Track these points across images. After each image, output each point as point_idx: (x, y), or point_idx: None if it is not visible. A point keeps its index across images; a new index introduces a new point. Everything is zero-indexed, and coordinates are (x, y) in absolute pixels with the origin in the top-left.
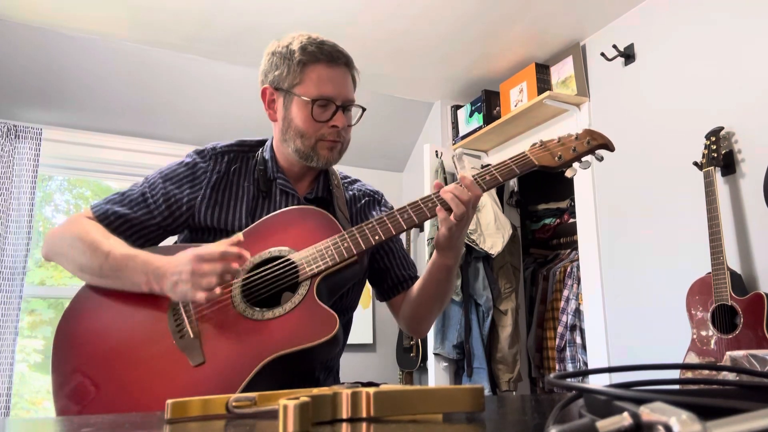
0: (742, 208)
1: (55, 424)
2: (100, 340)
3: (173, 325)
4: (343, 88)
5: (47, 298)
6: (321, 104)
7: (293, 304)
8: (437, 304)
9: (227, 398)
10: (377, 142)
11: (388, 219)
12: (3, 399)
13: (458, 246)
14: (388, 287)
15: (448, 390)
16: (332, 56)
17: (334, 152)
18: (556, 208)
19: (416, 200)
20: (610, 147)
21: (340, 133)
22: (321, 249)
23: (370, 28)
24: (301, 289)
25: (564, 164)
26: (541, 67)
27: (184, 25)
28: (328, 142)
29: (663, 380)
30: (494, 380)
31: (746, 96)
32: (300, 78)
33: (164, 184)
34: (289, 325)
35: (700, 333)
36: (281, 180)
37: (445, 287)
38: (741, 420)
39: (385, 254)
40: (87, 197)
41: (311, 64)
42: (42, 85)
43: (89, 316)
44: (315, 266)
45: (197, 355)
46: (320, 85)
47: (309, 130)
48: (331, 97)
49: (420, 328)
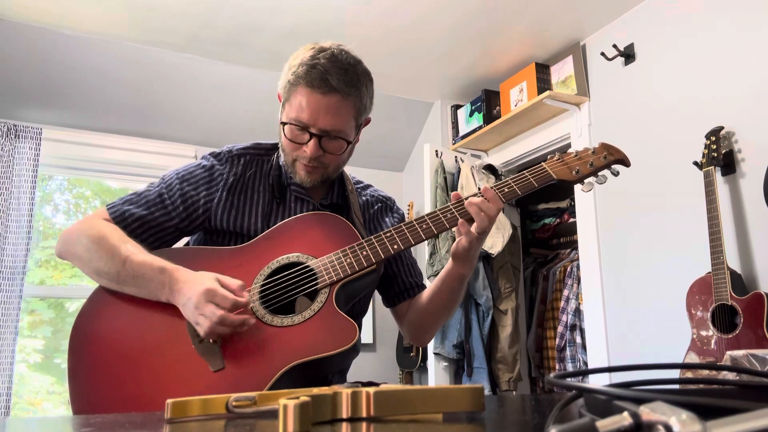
0: (742, 208)
1: (56, 423)
2: (118, 342)
3: (192, 330)
4: (322, 116)
5: (47, 298)
6: (295, 128)
7: (313, 312)
8: (445, 312)
9: (227, 398)
10: (377, 142)
11: (407, 229)
12: (3, 399)
13: (475, 257)
14: (395, 293)
15: (448, 390)
16: (318, 83)
17: (314, 175)
18: (556, 208)
19: (435, 211)
20: (626, 162)
21: (319, 159)
22: (340, 257)
23: (370, 28)
24: (320, 296)
25: (581, 179)
26: (541, 67)
27: (184, 25)
28: (304, 165)
29: (663, 380)
30: (494, 380)
31: (746, 96)
32: (288, 95)
33: (181, 185)
34: (309, 333)
35: (700, 333)
36: (295, 186)
37: (456, 297)
38: (741, 420)
39: (393, 261)
40: (87, 197)
41: (297, 86)
42: (42, 85)
43: (106, 319)
44: (334, 274)
45: (217, 360)
46: (299, 109)
47: (286, 147)
48: (305, 124)
49: (424, 337)
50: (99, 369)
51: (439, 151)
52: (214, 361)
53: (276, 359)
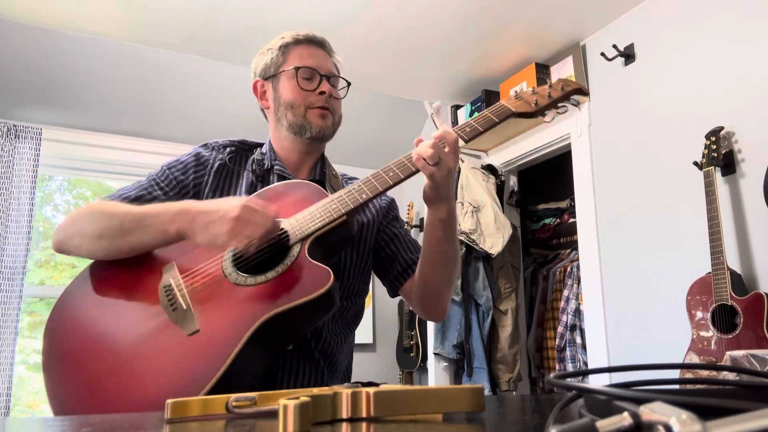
0: (742, 208)
1: (56, 423)
2: (92, 327)
3: (165, 300)
4: (325, 61)
5: (47, 298)
6: (305, 75)
7: (285, 266)
8: (443, 271)
9: (227, 398)
10: (377, 142)
11: (373, 178)
12: (3, 399)
13: (447, 197)
14: (397, 273)
15: (448, 390)
16: (309, 39)
17: (327, 121)
18: (556, 208)
19: (400, 158)
20: (584, 91)
21: (329, 101)
22: (309, 212)
23: (370, 29)
24: (292, 251)
25: (541, 110)
26: (541, 67)
27: (184, 25)
28: (318, 110)
29: (663, 380)
30: (494, 380)
31: (746, 96)
32: (283, 59)
33: (170, 171)
34: (282, 286)
35: (700, 333)
36: (278, 166)
37: (446, 249)
38: (741, 420)
39: (390, 240)
40: (87, 197)
41: (291, 47)
42: (42, 85)
43: (79, 307)
44: (305, 229)
45: (191, 324)
46: (302, 59)
47: (297, 98)
48: (315, 67)
49: (435, 308)
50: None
51: None
52: (189, 326)
53: (249, 315)
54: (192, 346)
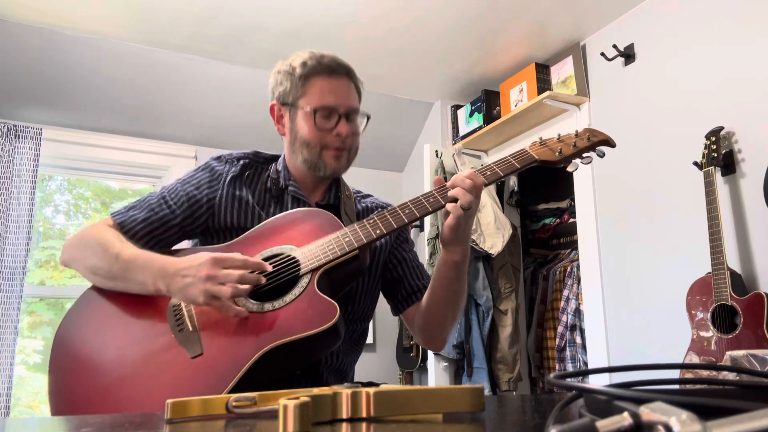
0: (742, 208)
1: (55, 424)
2: (99, 340)
3: (173, 320)
4: (345, 97)
5: (47, 299)
6: (323, 114)
7: (294, 296)
8: (449, 308)
9: (227, 398)
10: (377, 142)
11: (389, 213)
12: (3, 399)
13: (464, 240)
14: (402, 297)
15: (448, 390)
16: (331, 68)
17: (341, 161)
18: (556, 208)
19: (417, 196)
20: (611, 143)
21: (345, 141)
22: (322, 244)
23: (370, 28)
24: (302, 281)
25: (564, 159)
26: (541, 67)
27: (184, 25)
28: (333, 151)
29: (663, 380)
30: (494, 380)
31: (746, 96)
32: (302, 91)
33: (183, 187)
34: (288, 316)
35: (700, 333)
36: (293, 187)
37: (456, 288)
38: (741, 420)
39: (398, 263)
40: (87, 197)
41: (312, 77)
42: (42, 85)
43: (90, 318)
44: (316, 260)
45: (196, 347)
46: (322, 95)
47: (313, 139)
48: (333, 106)
49: (435, 339)
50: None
51: (439, 152)
52: (193, 348)
53: (253, 342)
54: (194, 369)
